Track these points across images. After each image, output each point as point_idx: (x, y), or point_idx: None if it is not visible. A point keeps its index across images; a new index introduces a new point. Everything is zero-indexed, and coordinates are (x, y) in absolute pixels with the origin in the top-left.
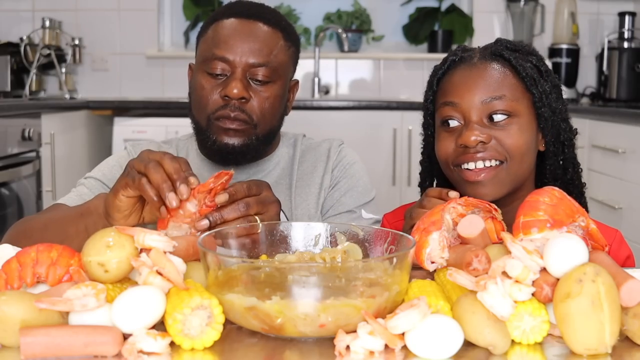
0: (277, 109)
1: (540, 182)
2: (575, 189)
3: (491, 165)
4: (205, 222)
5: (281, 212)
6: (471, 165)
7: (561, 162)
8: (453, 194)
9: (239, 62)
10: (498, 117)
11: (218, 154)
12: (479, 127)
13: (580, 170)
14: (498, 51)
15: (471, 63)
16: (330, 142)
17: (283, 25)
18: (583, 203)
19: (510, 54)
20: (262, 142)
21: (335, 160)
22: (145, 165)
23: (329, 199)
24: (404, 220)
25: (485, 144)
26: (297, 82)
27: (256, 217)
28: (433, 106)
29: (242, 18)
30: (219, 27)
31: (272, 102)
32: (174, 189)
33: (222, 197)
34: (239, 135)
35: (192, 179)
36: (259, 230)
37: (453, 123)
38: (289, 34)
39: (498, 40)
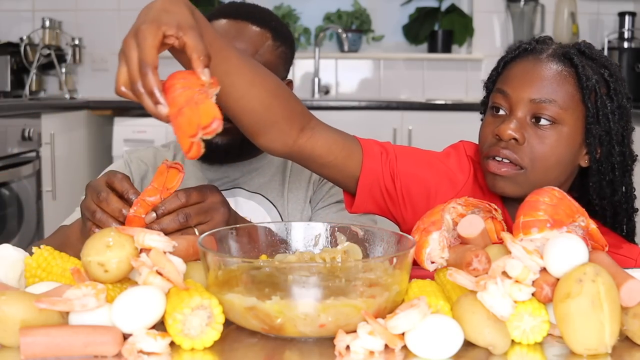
0: None
1: (585, 197)
2: (623, 212)
3: (512, 164)
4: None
5: (275, 209)
6: (498, 158)
7: (605, 183)
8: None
9: None
10: (542, 121)
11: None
12: (520, 124)
13: (633, 196)
14: (569, 54)
15: (538, 57)
16: None
17: (272, 25)
18: (630, 228)
19: (580, 60)
20: (248, 141)
21: None
22: (100, 220)
23: (319, 192)
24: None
25: (517, 143)
26: (289, 81)
27: (195, 229)
28: (493, 86)
29: (231, 19)
30: None
31: None
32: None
33: (149, 217)
34: (223, 134)
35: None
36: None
37: (501, 111)
38: (278, 33)
39: (578, 43)
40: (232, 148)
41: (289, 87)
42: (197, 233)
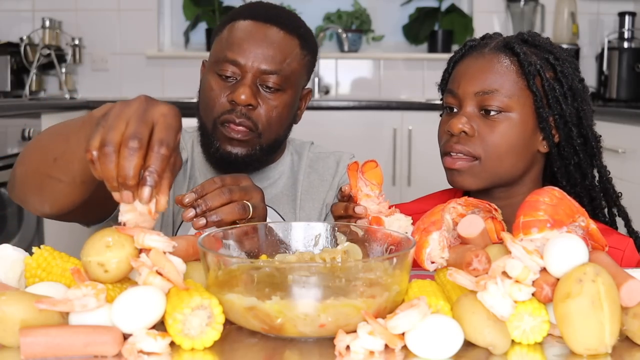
0: (285, 118)
1: (558, 184)
2: (600, 197)
3: (467, 157)
4: (191, 212)
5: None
6: (453, 154)
7: (572, 168)
8: (359, 209)
9: (250, 68)
10: (491, 112)
11: (220, 162)
12: (469, 117)
13: (605, 179)
14: (510, 44)
15: (481, 52)
16: (339, 156)
17: (301, 32)
18: (621, 214)
19: (521, 47)
20: (265, 151)
21: (344, 176)
22: (106, 156)
23: None
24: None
25: (468, 136)
26: (309, 90)
27: (247, 203)
28: (446, 87)
29: (259, 21)
30: (234, 29)
31: (280, 111)
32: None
33: (189, 197)
34: (242, 145)
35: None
36: (249, 215)
37: (454, 110)
38: (306, 42)
39: (522, 33)
40: (251, 159)
41: (308, 96)
42: (249, 205)
